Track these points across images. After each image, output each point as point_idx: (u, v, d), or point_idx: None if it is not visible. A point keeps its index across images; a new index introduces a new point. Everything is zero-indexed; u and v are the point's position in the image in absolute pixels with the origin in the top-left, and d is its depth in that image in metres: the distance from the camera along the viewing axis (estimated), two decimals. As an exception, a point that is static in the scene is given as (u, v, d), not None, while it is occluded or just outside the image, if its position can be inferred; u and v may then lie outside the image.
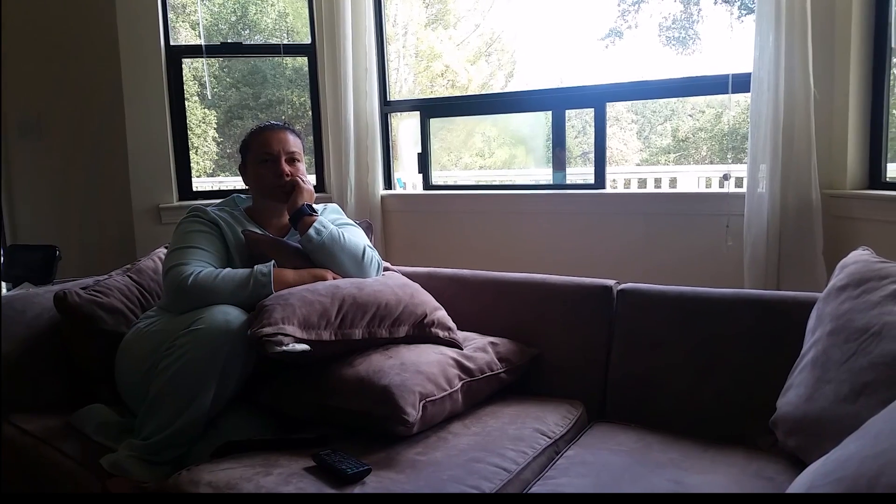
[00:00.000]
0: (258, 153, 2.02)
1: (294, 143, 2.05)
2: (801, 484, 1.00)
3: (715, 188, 6.02)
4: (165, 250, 2.31)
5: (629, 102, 10.02)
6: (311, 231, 1.91)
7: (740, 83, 2.76)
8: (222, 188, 7.15)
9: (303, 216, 1.95)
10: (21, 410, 1.94)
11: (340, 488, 1.36)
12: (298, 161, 2.04)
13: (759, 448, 1.57)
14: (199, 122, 8.92)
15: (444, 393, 1.64)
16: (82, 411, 1.88)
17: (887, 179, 2.62)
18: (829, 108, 2.63)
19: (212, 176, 9.32)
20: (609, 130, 9.72)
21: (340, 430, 1.63)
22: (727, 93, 2.81)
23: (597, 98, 3.20)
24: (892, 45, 2.55)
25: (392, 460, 1.49)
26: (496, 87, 10.57)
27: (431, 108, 3.76)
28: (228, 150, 10.14)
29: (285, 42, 4.52)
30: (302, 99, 8.89)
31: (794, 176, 2.61)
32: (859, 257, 1.60)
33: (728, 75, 2.79)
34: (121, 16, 3.44)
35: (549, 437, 1.65)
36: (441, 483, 1.38)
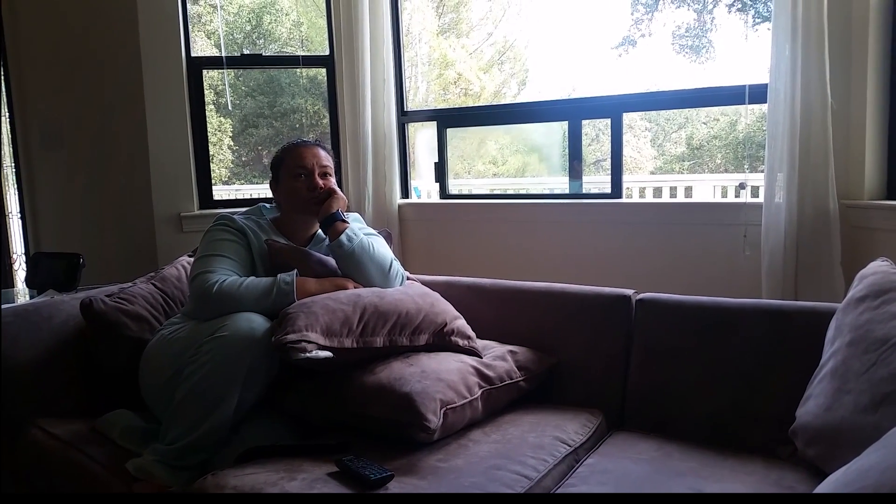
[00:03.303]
0: (292, 168, 2.04)
1: (326, 158, 2.09)
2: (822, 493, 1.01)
3: (730, 197, 6.02)
4: (188, 258, 2.36)
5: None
6: (343, 237, 1.94)
7: (757, 94, 2.77)
8: (239, 196, 7.21)
9: (335, 221, 1.98)
10: (47, 415, 1.98)
11: (364, 494, 1.38)
12: (330, 175, 2.08)
13: (778, 457, 1.58)
14: (215, 130, 9.00)
15: (465, 400, 1.66)
16: (108, 416, 1.91)
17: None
18: (847, 119, 2.63)
19: (227, 183, 9.38)
20: (623, 138, 9.70)
21: (362, 437, 1.65)
22: (744, 103, 2.82)
23: (613, 108, 3.21)
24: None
25: (414, 466, 1.51)
26: (509, 95, 10.60)
27: (448, 119, 3.79)
28: (244, 159, 10.21)
29: (302, 53, 4.56)
30: (316, 107, 8.94)
31: (812, 186, 2.61)
32: (878, 268, 1.60)
33: (745, 86, 2.80)
34: (143, 28, 3.50)
35: (569, 446, 1.66)
36: (463, 489, 1.40)
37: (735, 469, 1.52)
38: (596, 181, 6.05)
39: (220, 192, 3.94)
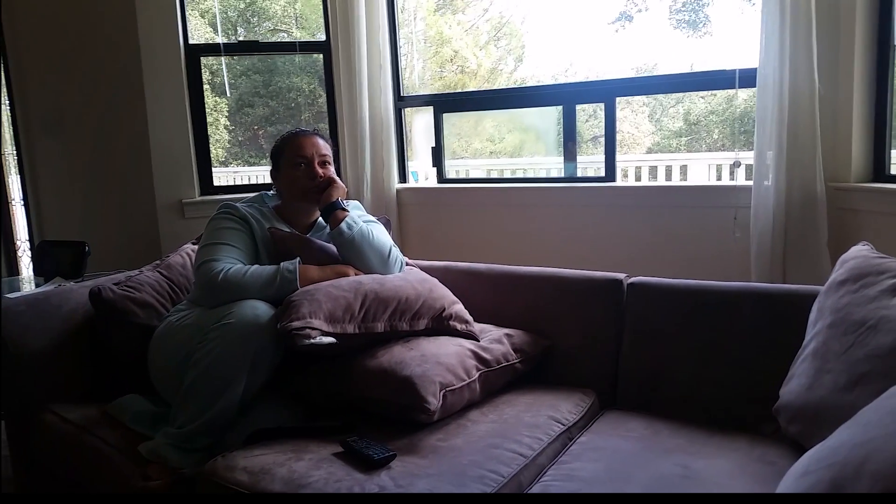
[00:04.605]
0: (292, 158, 2.09)
1: (325, 147, 2.13)
2: (797, 469, 1.08)
3: (725, 175, 6.08)
4: (192, 245, 2.41)
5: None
6: (343, 225, 1.99)
7: (747, 78, 2.81)
8: (238, 181, 7.24)
9: (335, 209, 2.03)
10: (60, 400, 2.05)
11: (368, 472, 1.46)
12: (329, 164, 2.13)
13: (762, 434, 1.65)
14: (211, 110, 8.99)
15: (463, 383, 1.73)
16: (119, 401, 1.97)
17: (891, 173, 2.68)
18: (834, 103, 2.69)
19: (224, 164, 9.37)
20: (621, 114, 9.72)
21: (365, 418, 1.72)
22: (734, 87, 2.87)
23: (606, 93, 3.26)
24: (895, 43, 2.61)
25: (415, 446, 1.58)
26: (506, 72, 10.57)
27: (444, 103, 3.83)
28: (240, 139, 10.20)
29: (297, 32, 4.58)
30: (312, 86, 8.94)
31: (800, 169, 2.67)
32: (859, 253, 1.67)
33: (735, 70, 2.85)
34: (141, 15, 3.54)
35: (563, 424, 1.73)
36: (461, 467, 1.47)
37: (721, 445, 1.59)
38: (593, 161, 6.08)
39: (218, 177, 3.99)
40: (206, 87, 3.73)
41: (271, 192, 2.21)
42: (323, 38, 3.77)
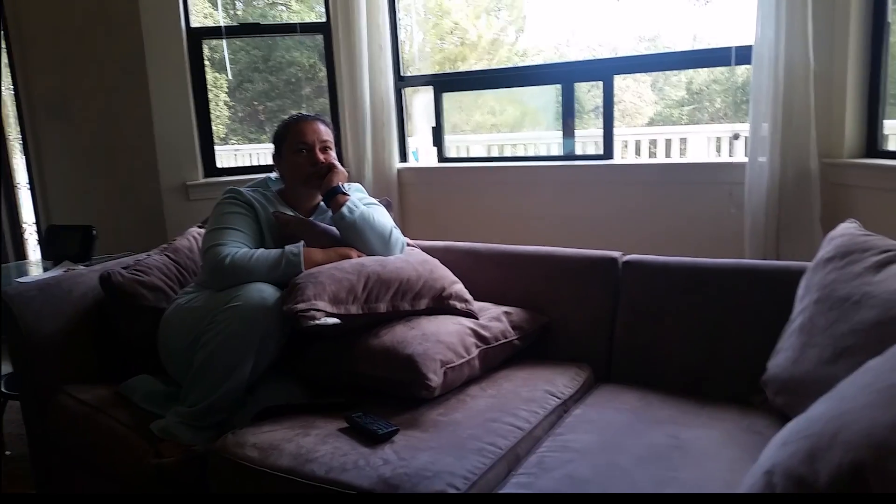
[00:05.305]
0: (294, 143, 2.13)
1: (326, 133, 2.17)
2: (777, 440, 1.13)
3: (725, 149, 6.11)
4: (198, 228, 2.46)
5: (644, 52, 9.93)
6: (344, 209, 2.04)
7: (743, 55, 2.84)
8: (241, 161, 7.26)
9: (336, 194, 2.08)
10: (74, 381, 2.11)
11: (373, 447, 1.52)
12: (330, 149, 2.16)
13: (751, 405, 1.71)
14: (210, 86, 8.95)
15: (463, 360, 1.79)
16: (131, 381, 2.04)
17: (883, 148, 2.71)
18: (829, 79, 2.72)
19: (224, 140, 9.35)
20: (623, 83, 9.66)
21: (369, 395, 1.79)
22: (731, 65, 2.90)
23: (604, 71, 3.29)
24: (889, 20, 2.63)
25: (417, 421, 1.65)
26: (507, 43, 10.50)
27: (444, 83, 3.86)
28: (240, 114, 10.18)
29: (300, 19, 4.59)
30: (312, 61, 8.91)
31: (794, 145, 2.71)
32: (846, 230, 1.71)
33: (731, 48, 2.87)
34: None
35: (559, 398, 1.80)
36: (461, 440, 1.53)
37: (711, 416, 1.66)
38: (593, 135, 6.08)
39: (221, 157, 4.02)
40: (206, 62, 3.75)
41: (274, 175, 2.25)
42: (323, 16, 3.78)
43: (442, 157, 3.85)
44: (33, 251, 4.32)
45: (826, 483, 0.92)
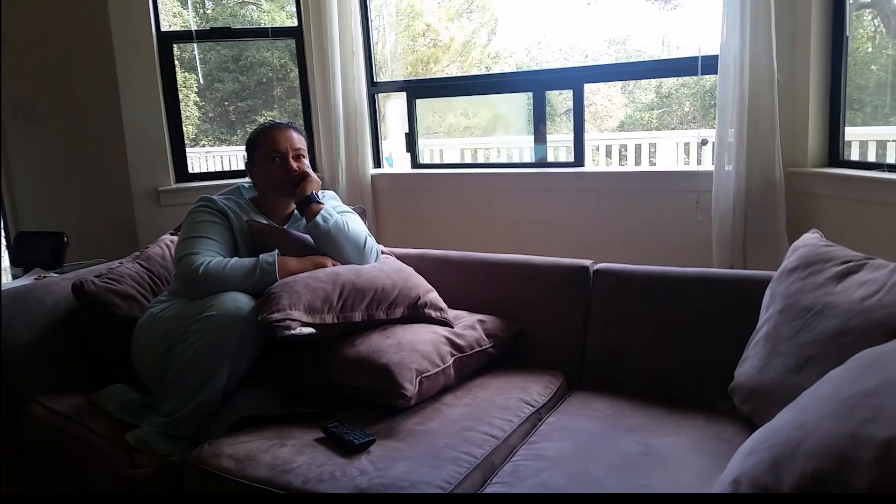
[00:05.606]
0: (267, 151, 2.13)
1: (299, 141, 2.17)
2: (743, 449, 1.17)
3: (693, 153, 6.21)
4: (171, 236, 2.45)
5: (614, 56, 10.04)
6: (319, 218, 2.04)
7: (709, 66, 2.90)
8: (212, 166, 7.18)
9: (310, 203, 2.08)
10: (46, 391, 2.09)
11: (349, 457, 1.54)
12: (304, 157, 2.16)
13: (719, 412, 1.75)
14: (180, 86, 8.84)
15: (438, 368, 1.81)
16: (105, 391, 2.02)
17: (845, 158, 2.79)
18: (793, 90, 2.79)
19: (195, 142, 9.25)
20: (594, 87, 9.76)
21: (345, 404, 1.80)
22: (697, 74, 2.96)
23: (574, 80, 3.34)
24: (847, 34, 2.71)
25: (393, 430, 1.67)
26: (479, 45, 10.53)
27: (417, 89, 3.88)
28: (210, 115, 10.07)
29: (271, 24, 4.58)
30: (283, 61, 8.86)
31: (759, 154, 2.77)
32: (809, 240, 1.77)
33: (697, 57, 2.93)
34: (112, 3, 3.52)
35: (533, 406, 1.83)
36: (437, 450, 1.55)
37: (680, 423, 1.70)
38: (564, 140, 6.13)
39: (192, 160, 3.99)
40: (175, 63, 3.73)
41: (247, 183, 2.25)
42: (294, 16, 3.77)
43: (416, 164, 3.87)
44: (4, 258, 4.24)
45: (789, 492, 0.97)
